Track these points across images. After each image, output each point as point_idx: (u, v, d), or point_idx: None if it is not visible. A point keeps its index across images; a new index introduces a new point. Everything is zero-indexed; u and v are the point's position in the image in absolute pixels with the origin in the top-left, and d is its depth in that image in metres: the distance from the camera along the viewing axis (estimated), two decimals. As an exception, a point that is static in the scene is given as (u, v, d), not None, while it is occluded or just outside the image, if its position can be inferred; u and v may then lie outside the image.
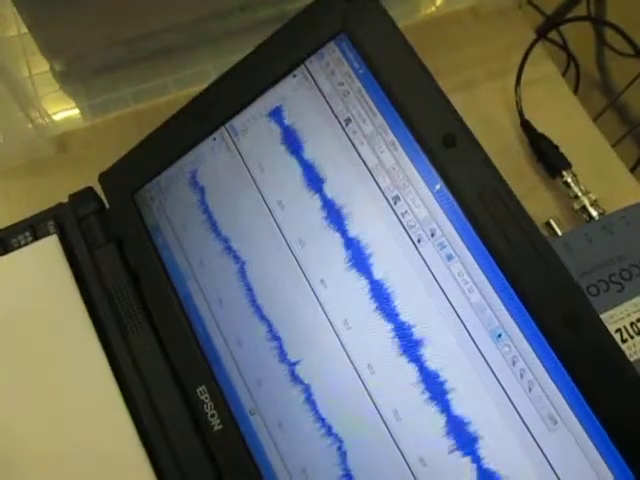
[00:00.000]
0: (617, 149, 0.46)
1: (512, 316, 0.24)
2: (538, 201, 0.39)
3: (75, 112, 0.39)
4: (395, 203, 0.26)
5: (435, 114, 0.25)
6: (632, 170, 0.42)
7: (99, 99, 0.38)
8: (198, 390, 0.29)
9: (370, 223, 0.26)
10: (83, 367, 0.30)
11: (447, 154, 0.25)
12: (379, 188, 0.26)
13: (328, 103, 0.27)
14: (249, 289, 0.28)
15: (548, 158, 0.38)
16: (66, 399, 0.30)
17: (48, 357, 0.30)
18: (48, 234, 0.33)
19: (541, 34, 0.43)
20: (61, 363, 0.30)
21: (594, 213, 0.37)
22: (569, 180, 0.38)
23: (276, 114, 0.28)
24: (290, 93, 0.28)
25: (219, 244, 0.29)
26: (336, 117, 0.27)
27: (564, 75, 0.52)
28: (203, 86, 0.41)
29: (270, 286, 0.28)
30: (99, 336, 0.30)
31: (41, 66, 0.37)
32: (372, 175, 0.26)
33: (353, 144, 0.27)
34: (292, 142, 0.28)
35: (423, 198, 0.25)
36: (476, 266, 0.24)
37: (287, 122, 0.28)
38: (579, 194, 0.37)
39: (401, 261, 0.25)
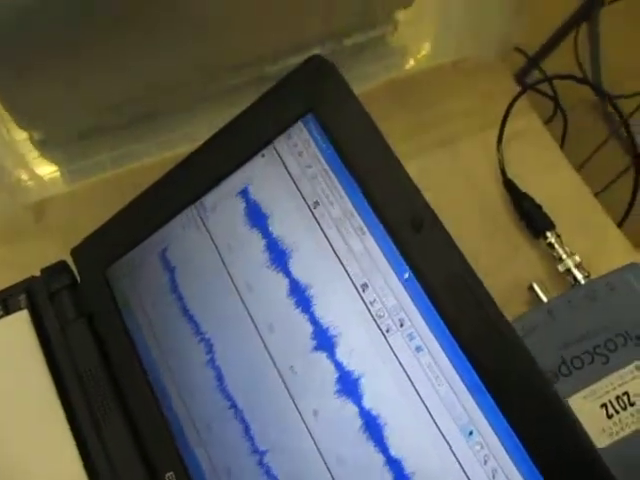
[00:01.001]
0: (604, 197, 0.46)
1: (484, 413, 0.23)
2: (522, 262, 0.39)
3: (54, 178, 0.39)
4: (364, 291, 0.25)
5: (402, 199, 0.25)
6: (619, 225, 0.42)
7: (79, 164, 0.38)
8: (167, 475, 0.28)
9: (338, 311, 0.25)
10: (50, 450, 0.29)
11: (415, 240, 0.24)
12: (348, 275, 0.25)
13: (296, 185, 0.27)
14: (218, 374, 0.28)
15: (531, 219, 0.38)
16: (33, 484, 0.29)
17: (14, 440, 0.30)
18: (19, 308, 0.32)
19: (527, 87, 0.43)
20: (28, 446, 0.30)
21: (579, 276, 0.36)
22: (553, 241, 0.37)
23: (245, 194, 0.28)
24: (259, 173, 0.28)
25: (188, 326, 0.28)
26: (304, 200, 0.26)
27: (550, 120, 0.52)
28: (185, 149, 0.41)
29: (239, 372, 0.27)
30: (68, 418, 0.30)
31: (19, 133, 0.37)
32: (340, 261, 0.26)
33: (321, 228, 0.26)
34: (260, 223, 0.27)
35: (392, 286, 0.25)
36: (445, 359, 0.23)
37: (255, 202, 0.28)
38: (563, 256, 0.36)
39: (369, 351, 0.25)
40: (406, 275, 0.24)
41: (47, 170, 0.39)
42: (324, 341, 0.26)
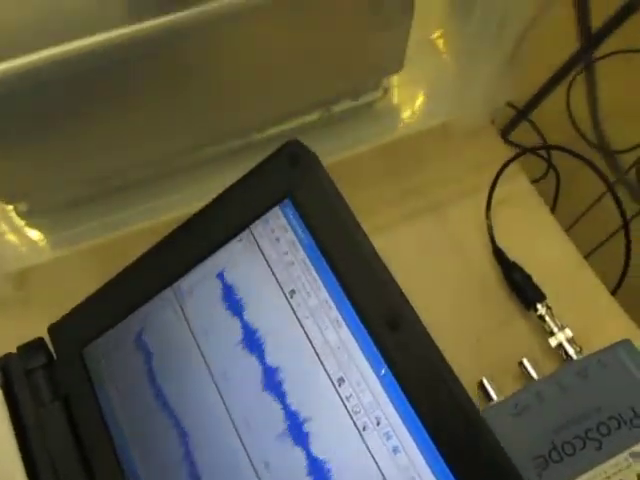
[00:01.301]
0: (599, 258, 0.45)
1: (463, 521, 0.22)
2: (514, 334, 0.38)
3: (38, 245, 0.38)
4: (340, 385, 0.24)
5: (379, 293, 0.24)
6: (613, 292, 0.41)
7: (64, 233, 0.38)
8: None
9: (314, 405, 0.25)
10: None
11: (392, 338, 0.23)
12: (324, 368, 0.25)
13: (273, 272, 0.26)
14: (192, 466, 0.27)
15: (521, 290, 0.37)
16: None
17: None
18: (-6, 387, 0.32)
19: (516, 155, 0.42)
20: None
21: (571, 351, 0.35)
22: (543, 314, 0.36)
23: (221, 278, 0.27)
24: (236, 257, 0.27)
25: (163, 415, 0.28)
26: (281, 287, 0.26)
27: (542, 178, 0.51)
28: (169, 216, 0.41)
29: (214, 465, 0.26)
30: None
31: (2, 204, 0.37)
32: (317, 353, 0.25)
33: (297, 317, 0.25)
34: (236, 309, 0.27)
35: (368, 382, 0.24)
36: (423, 463, 0.22)
37: (232, 287, 0.27)
38: (555, 330, 0.35)
39: (345, 449, 0.24)
40: (383, 371, 0.23)
41: (31, 238, 0.38)
42: (299, 436, 0.25)
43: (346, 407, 0.24)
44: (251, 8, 0.29)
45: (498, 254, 0.39)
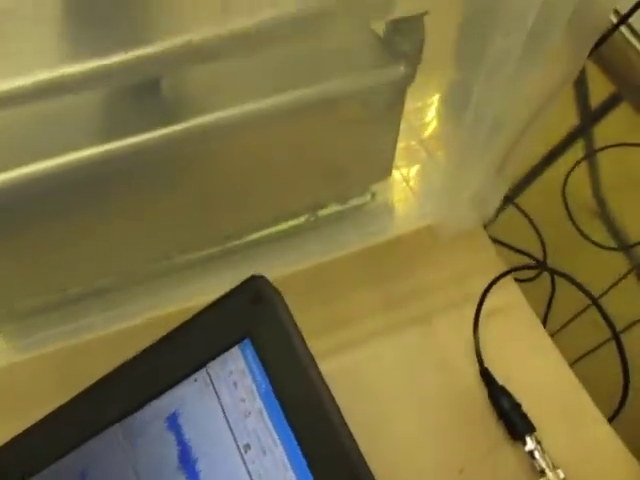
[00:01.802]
0: (592, 374, 0.42)
1: None
2: (500, 466, 0.35)
3: (-3, 351, 0.36)
4: None
5: (339, 460, 0.21)
6: (611, 420, 0.38)
7: (23, 340, 0.35)
8: None
9: None
10: None
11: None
12: (276, 540, 0.22)
13: (227, 421, 0.24)
14: None
15: (509, 419, 0.34)
16: None
17: None
18: None
19: (509, 271, 0.40)
20: None
21: (562, 495, 0.32)
22: (533, 449, 0.33)
23: (173, 420, 0.25)
24: (189, 399, 0.25)
25: None
26: (235, 440, 0.23)
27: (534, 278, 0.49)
28: (134, 322, 0.39)
29: None
30: None
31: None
32: (269, 522, 0.22)
33: (251, 477, 0.23)
34: (186, 457, 0.24)
35: None
36: None
37: (183, 432, 0.25)
38: (545, 469, 0.32)
39: None
40: None
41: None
42: None
43: None
44: (240, 120, 0.28)
45: (486, 376, 0.36)
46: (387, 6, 0.26)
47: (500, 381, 0.36)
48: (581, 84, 0.85)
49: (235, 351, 0.24)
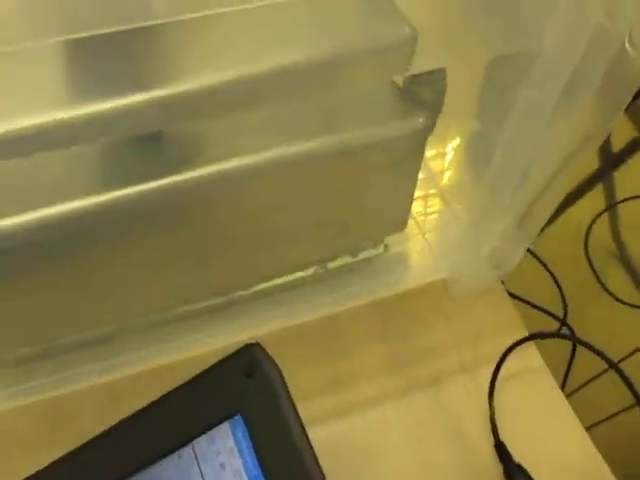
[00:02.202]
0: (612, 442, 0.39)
1: None
2: None
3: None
4: None
5: None
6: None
7: (13, 388, 0.33)
8: None
9: None
10: None
11: None
12: None
13: (212, 507, 0.21)
14: None
15: (525, 502, 0.31)
16: None
17: None
18: None
19: (532, 336, 0.38)
20: None
21: None
22: (551, 539, 0.30)
23: (153, 501, 0.23)
24: (173, 477, 0.22)
25: None
26: (218, 530, 0.21)
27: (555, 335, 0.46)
28: (129, 372, 0.37)
29: None
30: None
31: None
32: None
33: None
34: None
35: None
36: None
37: (164, 516, 0.22)
38: None
39: None
40: None
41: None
42: None
43: None
44: (251, 170, 0.26)
45: (500, 450, 0.33)
46: (406, 63, 0.25)
47: (517, 455, 0.33)
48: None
49: (225, 427, 0.22)
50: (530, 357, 0.38)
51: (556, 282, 0.54)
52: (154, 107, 0.21)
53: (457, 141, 0.44)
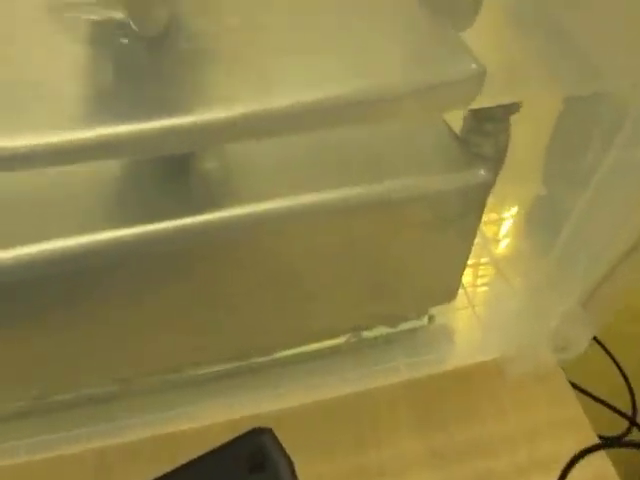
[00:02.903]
0: None
1: None
2: None
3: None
4: None
5: None
6: None
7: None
8: None
9: None
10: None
11: None
12: None
13: None
14: None
15: None
16: None
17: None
18: None
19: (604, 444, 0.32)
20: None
21: None
22: None
23: None
24: None
25: None
26: None
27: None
28: (125, 439, 0.33)
29: None
30: None
31: None
32: None
33: None
34: None
35: None
36: None
37: None
38: None
39: None
40: None
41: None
42: None
43: None
44: (282, 215, 0.23)
45: None
46: (471, 100, 0.21)
47: None
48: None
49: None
50: (599, 465, 0.32)
51: (622, 372, 0.48)
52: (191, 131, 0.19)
53: (516, 207, 0.40)
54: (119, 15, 0.21)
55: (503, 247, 0.38)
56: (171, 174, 0.24)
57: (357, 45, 0.20)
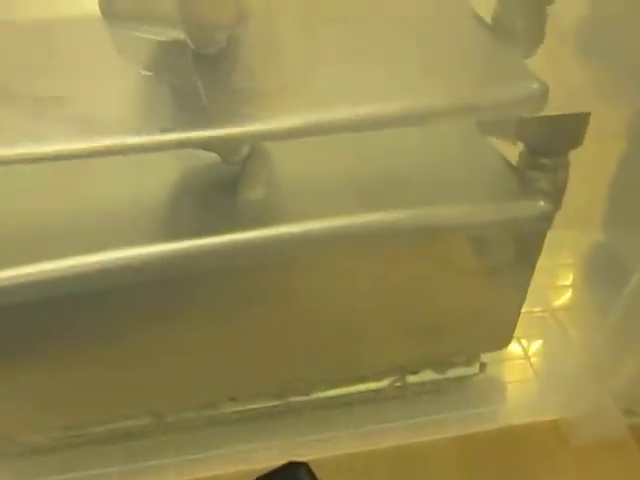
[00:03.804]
0: None
1: None
2: None
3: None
4: None
5: None
6: None
7: None
8: None
9: None
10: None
11: None
12: None
13: None
14: None
15: None
16: None
17: None
18: None
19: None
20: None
21: None
22: None
23: None
24: None
25: None
26: None
27: None
28: None
29: None
30: None
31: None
32: None
33: None
34: None
35: None
36: None
37: None
38: None
39: None
40: None
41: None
42: None
43: None
44: (328, 239, 0.22)
45: None
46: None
47: None
48: None
49: None
50: None
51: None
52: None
53: (575, 256, 0.37)
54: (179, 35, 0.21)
55: (559, 297, 0.36)
56: (216, 192, 0.24)
57: (439, 63, 0.22)
